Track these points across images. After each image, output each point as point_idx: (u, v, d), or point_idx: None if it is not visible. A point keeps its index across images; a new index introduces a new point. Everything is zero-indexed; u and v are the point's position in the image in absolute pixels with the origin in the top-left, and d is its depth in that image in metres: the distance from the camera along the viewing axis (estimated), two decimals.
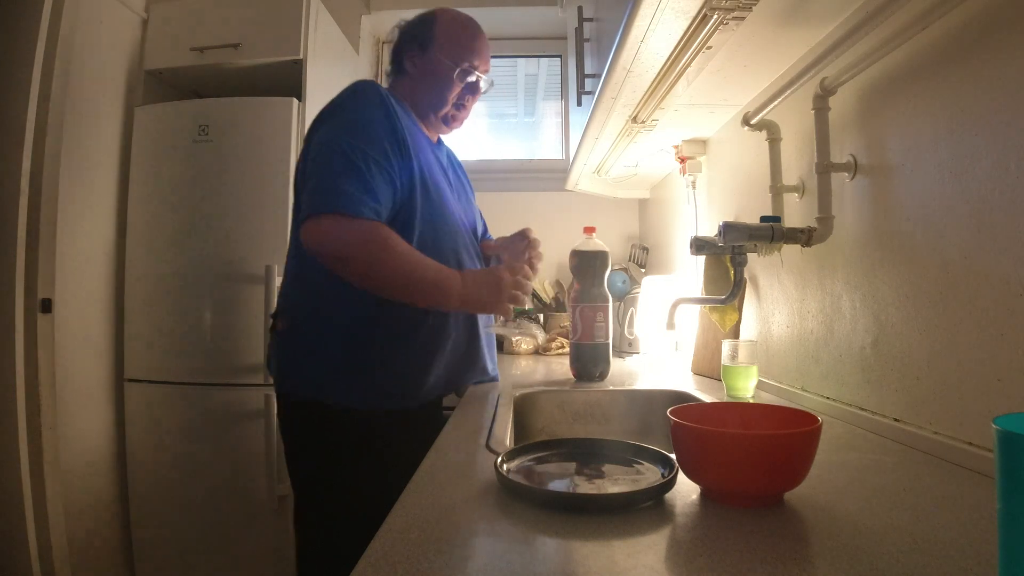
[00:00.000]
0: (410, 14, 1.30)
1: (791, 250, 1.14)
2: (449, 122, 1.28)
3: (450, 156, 1.38)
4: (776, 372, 1.21)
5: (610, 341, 1.42)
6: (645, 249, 2.27)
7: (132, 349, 1.86)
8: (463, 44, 1.23)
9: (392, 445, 1.08)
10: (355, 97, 1.12)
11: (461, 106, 1.27)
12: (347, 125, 1.08)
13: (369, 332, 1.11)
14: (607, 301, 1.41)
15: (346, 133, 1.06)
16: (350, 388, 1.10)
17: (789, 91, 1.04)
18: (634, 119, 1.41)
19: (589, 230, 1.45)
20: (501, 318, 1.18)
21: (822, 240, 1.02)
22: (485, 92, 1.31)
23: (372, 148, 1.06)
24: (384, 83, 1.28)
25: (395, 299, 1.08)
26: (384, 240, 1.03)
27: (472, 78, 1.25)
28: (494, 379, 1.33)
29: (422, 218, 1.14)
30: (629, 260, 2.35)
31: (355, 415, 1.09)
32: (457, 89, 1.24)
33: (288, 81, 1.90)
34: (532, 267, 1.22)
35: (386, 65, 1.35)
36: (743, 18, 0.91)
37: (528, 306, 1.14)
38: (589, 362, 1.40)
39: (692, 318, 1.59)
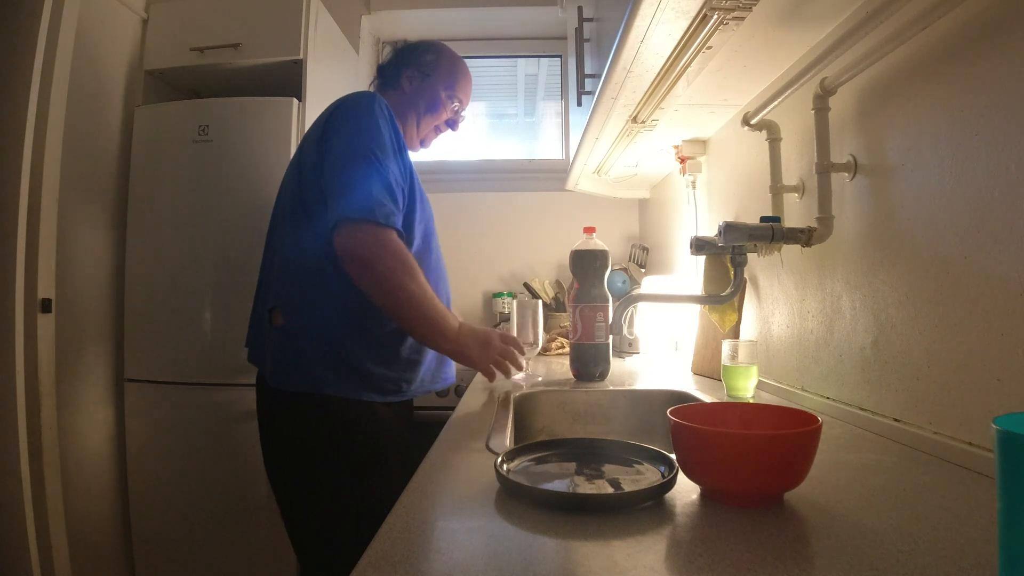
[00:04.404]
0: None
1: (791, 250, 1.14)
2: (424, 143, 1.44)
3: None
4: (776, 372, 1.21)
5: (610, 341, 1.42)
6: (645, 249, 2.27)
7: (132, 349, 1.86)
8: (460, 83, 1.41)
9: (385, 434, 1.19)
10: (372, 107, 1.20)
11: (438, 130, 1.44)
12: (369, 132, 1.16)
13: (370, 326, 1.18)
14: (607, 301, 1.41)
15: (371, 140, 1.14)
16: (351, 381, 1.16)
17: (789, 91, 1.04)
18: (634, 119, 1.41)
19: (589, 230, 1.46)
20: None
21: (822, 240, 1.02)
22: (454, 131, 1.48)
23: (390, 159, 1.15)
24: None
25: (392, 318, 1.15)
26: (412, 264, 1.12)
27: (460, 117, 1.45)
28: (451, 384, 1.39)
29: (421, 234, 1.24)
30: (629, 260, 2.35)
31: (354, 406, 1.16)
32: (443, 119, 1.42)
33: (288, 81, 1.90)
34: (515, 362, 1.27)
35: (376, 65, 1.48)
36: (743, 18, 0.91)
37: (519, 373, 1.32)
38: (589, 362, 1.40)
39: (692, 318, 1.59)
